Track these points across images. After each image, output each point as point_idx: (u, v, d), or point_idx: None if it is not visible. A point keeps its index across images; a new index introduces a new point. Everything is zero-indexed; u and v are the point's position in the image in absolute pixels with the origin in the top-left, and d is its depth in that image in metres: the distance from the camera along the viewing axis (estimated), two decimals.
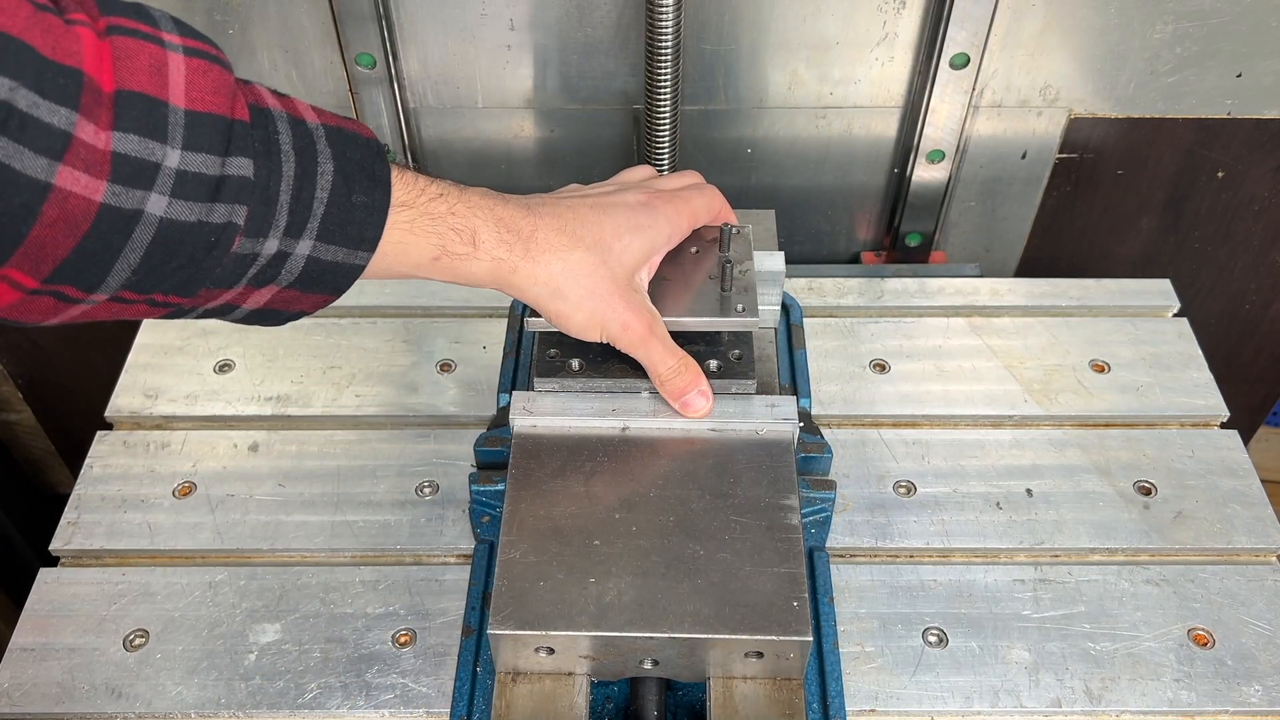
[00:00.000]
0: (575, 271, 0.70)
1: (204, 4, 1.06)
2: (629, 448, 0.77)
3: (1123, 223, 1.28)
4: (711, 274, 0.82)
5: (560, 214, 0.71)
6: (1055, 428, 0.97)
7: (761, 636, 0.66)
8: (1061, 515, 0.90)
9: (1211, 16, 1.07)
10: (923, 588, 0.85)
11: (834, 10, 1.07)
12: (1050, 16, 1.07)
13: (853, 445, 0.95)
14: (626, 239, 0.74)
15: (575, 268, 0.70)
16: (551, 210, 0.71)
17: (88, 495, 0.92)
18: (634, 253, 0.74)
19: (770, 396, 0.80)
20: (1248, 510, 0.90)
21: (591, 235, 0.71)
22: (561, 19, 1.07)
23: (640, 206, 0.76)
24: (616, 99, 1.14)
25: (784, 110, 1.16)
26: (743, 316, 0.79)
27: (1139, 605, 0.84)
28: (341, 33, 1.05)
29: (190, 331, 1.06)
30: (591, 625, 0.67)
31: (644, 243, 0.75)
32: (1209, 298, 1.36)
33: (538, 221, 0.70)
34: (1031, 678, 0.79)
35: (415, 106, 1.15)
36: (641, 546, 0.71)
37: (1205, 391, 1.00)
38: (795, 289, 1.08)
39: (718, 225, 0.84)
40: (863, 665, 0.80)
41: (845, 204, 1.25)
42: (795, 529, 0.71)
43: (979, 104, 1.15)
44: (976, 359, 1.03)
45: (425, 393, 1.00)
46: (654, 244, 0.77)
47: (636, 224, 0.74)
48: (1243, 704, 0.78)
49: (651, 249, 0.77)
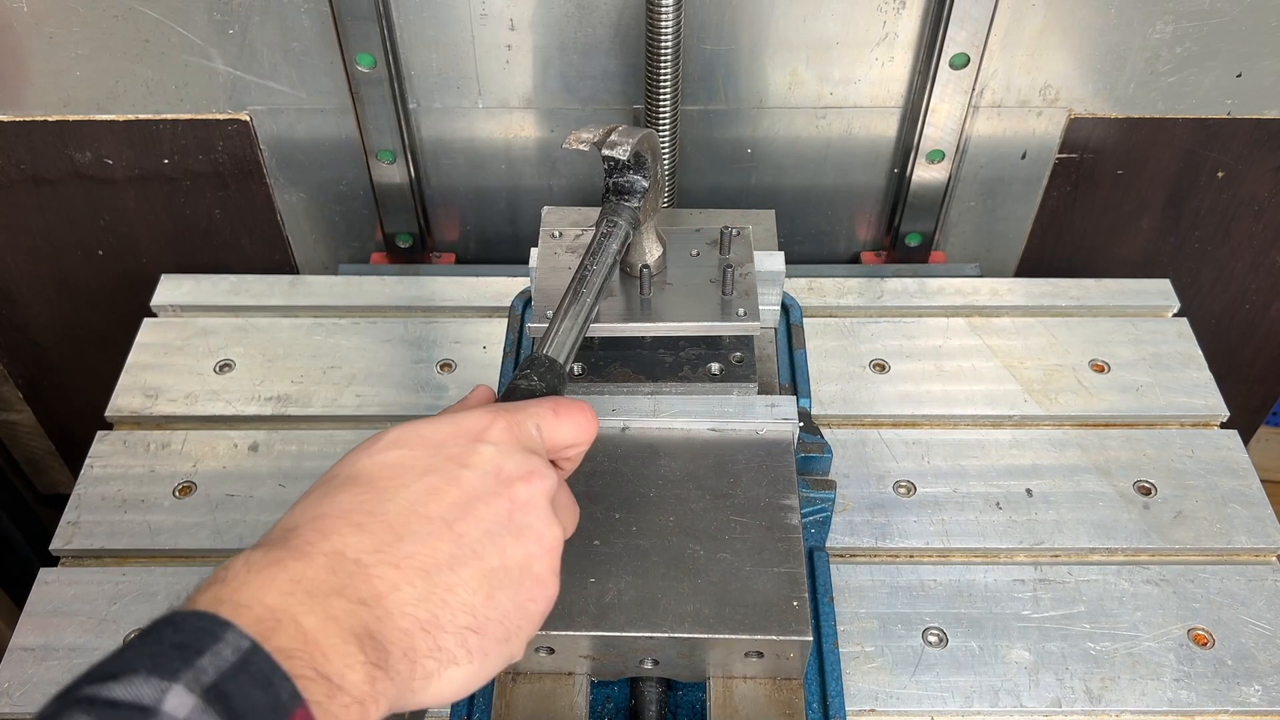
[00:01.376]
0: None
1: (204, 4, 1.06)
2: (629, 447, 0.77)
3: (1123, 223, 1.28)
4: (712, 278, 0.82)
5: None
6: (1055, 428, 0.97)
7: (761, 636, 0.66)
8: (1061, 515, 0.90)
9: (1211, 16, 1.07)
10: (923, 588, 0.85)
11: (834, 10, 1.07)
12: (1050, 16, 1.07)
13: (853, 445, 0.95)
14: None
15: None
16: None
17: (88, 495, 0.92)
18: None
19: (770, 396, 0.80)
20: (1248, 510, 0.90)
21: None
22: (561, 19, 1.07)
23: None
24: (616, 99, 1.14)
25: (784, 110, 1.16)
26: (744, 320, 0.79)
27: (1139, 605, 0.84)
28: (341, 33, 1.05)
29: (190, 331, 1.06)
30: (591, 625, 0.67)
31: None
32: (1209, 298, 1.36)
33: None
34: (1031, 678, 0.79)
35: (415, 106, 1.15)
36: (641, 546, 0.71)
37: (1205, 391, 1.00)
38: (795, 289, 1.08)
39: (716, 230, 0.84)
40: (863, 665, 0.80)
41: (845, 204, 1.25)
42: (795, 529, 0.71)
43: (979, 104, 1.15)
44: (976, 359, 1.03)
45: (425, 393, 1.00)
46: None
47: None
48: (1242, 704, 0.78)
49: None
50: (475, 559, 0.51)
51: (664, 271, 0.81)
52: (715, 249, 0.84)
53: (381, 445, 0.54)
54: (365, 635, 0.46)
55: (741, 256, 0.83)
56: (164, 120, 1.16)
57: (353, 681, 0.44)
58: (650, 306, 0.80)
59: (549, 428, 0.59)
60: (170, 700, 0.39)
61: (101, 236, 1.28)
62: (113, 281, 1.33)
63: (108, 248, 1.30)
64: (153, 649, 0.41)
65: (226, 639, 0.41)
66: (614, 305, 0.80)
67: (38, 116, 1.16)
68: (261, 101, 1.15)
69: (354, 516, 0.50)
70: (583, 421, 0.61)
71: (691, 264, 0.83)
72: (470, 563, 0.51)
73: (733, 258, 0.83)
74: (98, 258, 1.31)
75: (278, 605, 0.44)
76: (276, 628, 0.43)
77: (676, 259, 0.82)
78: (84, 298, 1.36)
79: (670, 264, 0.82)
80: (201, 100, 1.15)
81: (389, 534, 0.49)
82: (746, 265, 0.82)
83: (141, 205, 1.25)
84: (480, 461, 0.53)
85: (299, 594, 0.45)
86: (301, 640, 0.43)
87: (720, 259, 0.83)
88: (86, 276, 1.33)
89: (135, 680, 0.39)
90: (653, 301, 0.80)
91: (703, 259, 0.83)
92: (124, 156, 1.20)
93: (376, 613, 0.47)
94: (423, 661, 0.48)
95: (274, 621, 0.43)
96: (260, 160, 1.20)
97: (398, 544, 0.49)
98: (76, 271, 1.32)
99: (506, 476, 0.54)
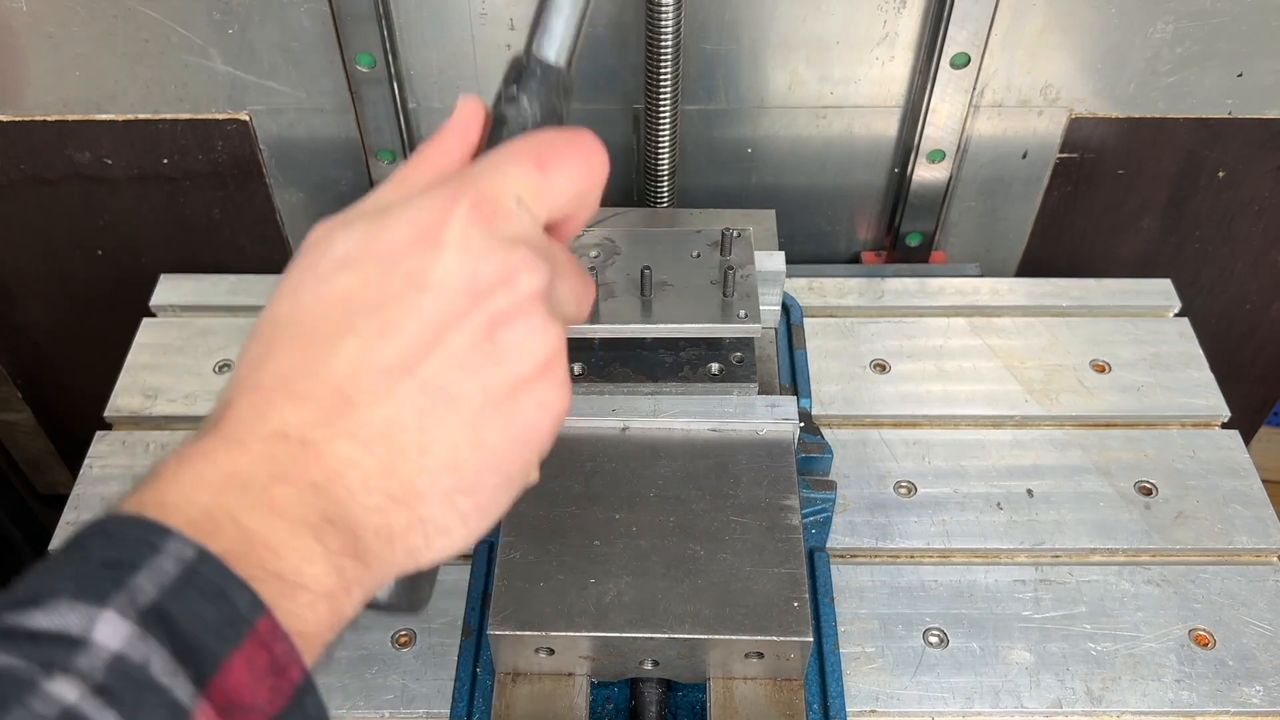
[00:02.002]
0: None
1: (204, 4, 1.06)
2: (629, 447, 0.77)
3: (1123, 223, 1.28)
4: (713, 279, 0.82)
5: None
6: (1056, 428, 0.97)
7: (762, 637, 0.66)
8: (1062, 515, 0.90)
9: (1212, 16, 1.07)
10: (923, 588, 0.85)
11: (834, 10, 1.07)
12: (1050, 16, 1.07)
13: (853, 445, 0.95)
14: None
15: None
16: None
17: (88, 495, 0.92)
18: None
19: (770, 396, 0.80)
20: (1249, 510, 0.90)
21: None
22: None
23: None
24: (616, 99, 1.14)
25: (784, 110, 1.15)
26: (745, 323, 0.79)
27: (1140, 605, 0.84)
28: (341, 33, 1.05)
29: (190, 331, 1.06)
30: (591, 626, 0.67)
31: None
32: (1209, 298, 1.36)
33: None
34: (1032, 678, 0.79)
35: (415, 106, 1.15)
36: (641, 547, 0.71)
37: (1206, 391, 1.00)
38: (795, 289, 1.08)
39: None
40: (863, 666, 0.80)
41: (845, 204, 1.25)
42: (795, 529, 0.71)
43: (979, 104, 1.15)
44: (977, 359, 1.03)
45: None
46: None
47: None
48: (1243, 704, 0.78)
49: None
50: (450, 407, 0.41)
51: (664, 272, 0.81)
52: (716, 250, 0.84)
53: (327, 264, 0.42)
54: (323, 522, 0.38)
55: (743, 258, 0.83)
56: (163, 120, 1.16)
57: (313, 575, 0.38)
58: (651, 308, 0.80)
59: (534, 190, 0.44)
60: (101, 629, 0.32)
61: (101, 236, 1.28)
62: (112, 281, 1.33)
63: (107, 248, 1.30)
64: (79, 568, 0.34)
65: (166, 549, 0.35)
66: (615, 306, 0.80)
67: (37, 116, 1.16)
68: (261, 101, 1.15)
69: (294, 384, 0.40)
70: (585, 160, 0.46)
71: (692, 265, 0.83)
72: (445, 414, 0.41)
73: (734, 259, 0.83)
74: (97, 258, 1.31)
75: (212, 505, 0.37)
76: (214, 530, 0.36)
77: (677, 260, 0.82)
78: (84, 298, 1.35)
79: (671, 265, 0.82)
80: (201, 100, 1.14)
81: (337, 399, 0.40)
82: (748, 267, 0.82)
83: (141, 205, 1.25)
84: (443, 276, 0.41)
85: (234, 490, 0.38)
86: (245, 541, 0.36)
87: (721, 260, 0.83)
88: (86, 276, 1.33)
89: (59, 605, 0.33)
90: (653, 303, 0.80)
91: (704, 260, 0.83)
92: (123, 156, 1.20)
93: (335, 494, 0.39)
94: (403, 537, 0.40)
95: (210, 523, 0.36)
96: (260, 160, 1.20)
97: (348, 411, 0.40)
98: (76, 271, 1.32)
99: (481, 286, 0.41)
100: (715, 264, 0.83)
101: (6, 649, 0.32)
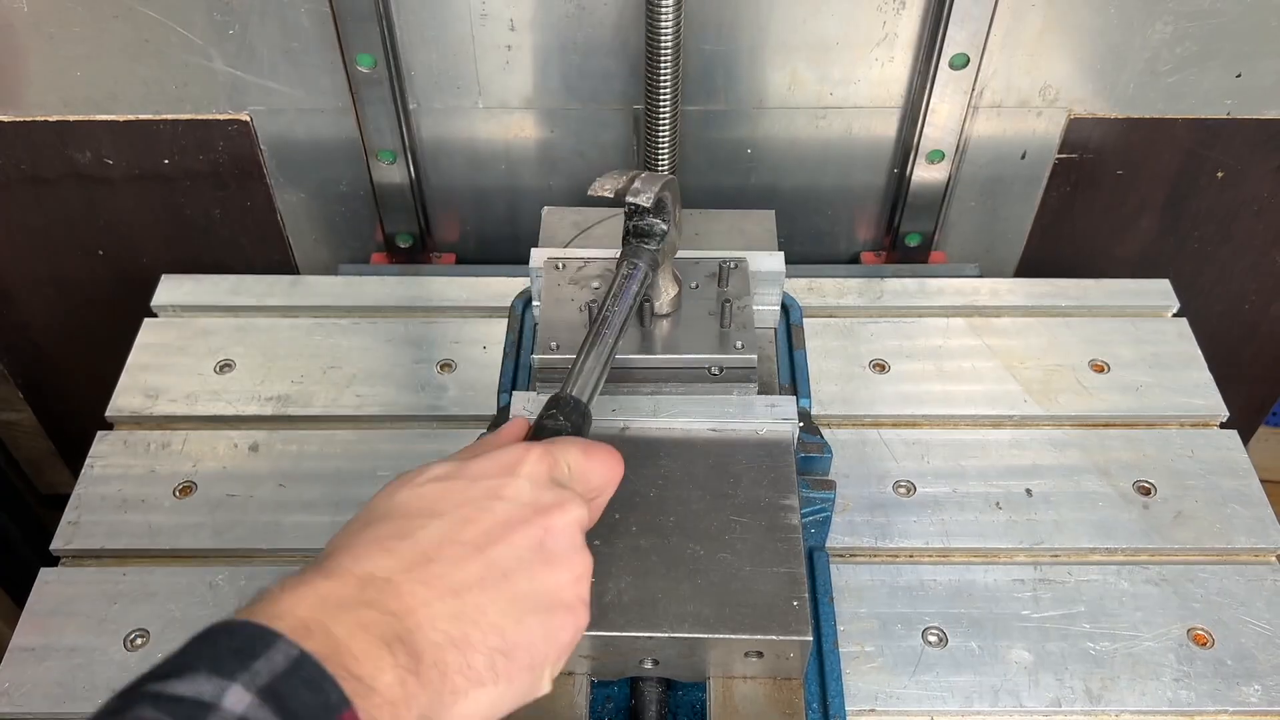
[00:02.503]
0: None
1: (204, 4, 1.06)
2: (629, 447, 0.77)
3: (1123, 223, 1.28)
4: (711, 310, 0.84)
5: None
6: (1055, 428, 0.97)
7: (761, 636, 0.66)
8: (1061, 515, 0.90)
9: (1211, 16, 1.07)
10: (923, 588, 0.85)
11: (834, 10, 1.07)
12: (1050, 16, 1.07)
13: (853, 445, 0.95)
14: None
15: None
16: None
17: (88, 495, 0.92)
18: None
19: (770, 396, 0.80)
20: (1247, 510, 0.90)
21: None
22: (561, 19, 1.07)
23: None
24: (616, 99, 1.14)
25: (784, 110, 1.16)
26: (741, 353, 0.82)
27: (1139, 605, 0.84)
28: (341, 33, 1.05)
29: (190, 331, 1.06)
30: (592, 625, 0.67)
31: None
32: (1209, 298, 1.36)
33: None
34: (1031, 677, 0.79)
35: (415, 106, 1.15)
36: (641, 546, 0.71)
37: (1205, 391, 1.00)
38: (795, 289, 1.08)
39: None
40: (863, 665, 0.80)
41: (845, 204, 1.25)
42: (795, 529, 0.71)
43: (979, 104, 1.15)
44: (976, 359, 1.03)
45: (425, 393, 1.00)
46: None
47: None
48: (1242, 704, 0.78)
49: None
50: (505, 582, 0.52)
51: (678, 309, 0.84)
52: (714, 281, 0.86)
53: (420, 478, 0.56)
54: (395, 640, 0.47)
55: (739, 289, 0.86)
56: (163, 120, 1.16)
57: (385, 683, 0.46)
58: (651, 338, 0.83)
59: (579, 467, 0.60)
60: (229, 697, 0.42)
61: (101, 236, 1.28)
62: (112, 281, 1.33)
63: (107, 248, 1.30)
64: (210, 651, 0.44)
65: (278, 646, 0.44)
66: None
67: (37, 117, 1.16)
68: (261, 101, 1.15)
69: (386, 542, 0.52)
70: (611, 464, 0.62)
71: (691, 296, 0.86)
72: (500, 585, 0.52)
73: (731, 291, 0.86)
74: (97, 258, 1.31)
75: (309, 617, 0.46)
76: (307, 635, 0.45)
77: (676, 291, 0.84)
78: (84, 298, 1.36)
79: (670, 296, 0.84)
80: (201, 100, 1.15)
81: (419, 556, 0.51)
82: (744, 298, 0.85)
83: (141, 205, 1.25)
84: (515, 493, 0.56)
85: (329, 607, 0.47)
86: (332, 647, 0.45)
87: (719, 292, 0.86)
88: (86, 276, 1.33)
89: (196, 678, 0.42)
90: (654, 333, 0.83)
91: (702, 291, 0.86)
92: (123, 156, 1.20)
93: (407, 623, 0.48)
94: (453, 676, 0.49)
95: (304, 630, 0.45)
96: (260, 160, 1.20)
97: (428, 565, 0.51)
98: (76, 271, 1.32)
99: (541, 506, 0.56)
100: (713, 295, 0.86)
101: (157, 707, 0.41)
